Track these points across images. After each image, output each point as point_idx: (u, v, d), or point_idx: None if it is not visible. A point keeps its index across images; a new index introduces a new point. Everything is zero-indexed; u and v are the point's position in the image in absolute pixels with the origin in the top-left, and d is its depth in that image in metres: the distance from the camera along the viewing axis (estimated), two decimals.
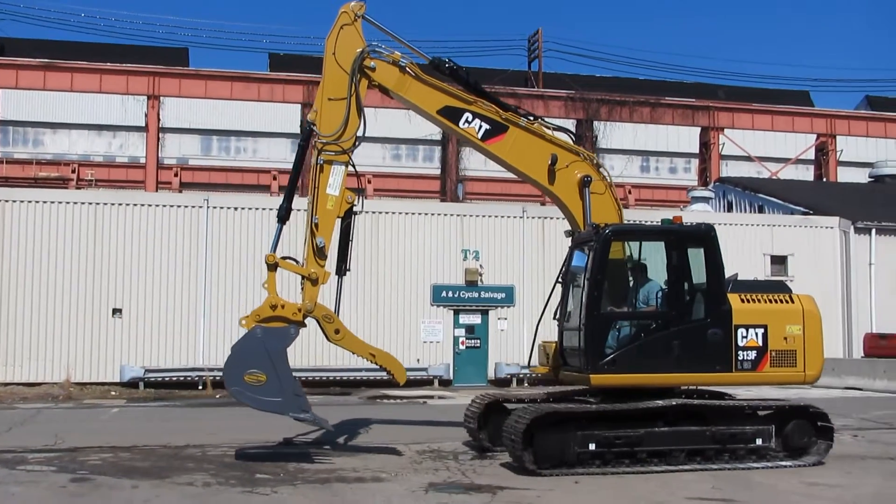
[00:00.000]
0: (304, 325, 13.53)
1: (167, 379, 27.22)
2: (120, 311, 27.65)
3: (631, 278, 13.84)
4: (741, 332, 13.06)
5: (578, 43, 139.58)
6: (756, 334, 13.10)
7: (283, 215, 13.95)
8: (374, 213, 29.09)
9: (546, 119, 15.30)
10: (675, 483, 11.94)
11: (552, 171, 14.46)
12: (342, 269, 14.11)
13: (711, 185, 44.35)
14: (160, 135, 44.99)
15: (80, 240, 27.70)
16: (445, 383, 29.17)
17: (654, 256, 13.66)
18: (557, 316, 14.23)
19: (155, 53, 53.57)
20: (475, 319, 30.25)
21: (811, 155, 52.19)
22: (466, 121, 14.42)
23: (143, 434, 16.54)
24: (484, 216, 31.02)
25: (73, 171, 49.06)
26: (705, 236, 13.38)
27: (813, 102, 66.27)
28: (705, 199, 39.90)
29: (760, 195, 39.83)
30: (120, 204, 28.38)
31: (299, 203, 14.57)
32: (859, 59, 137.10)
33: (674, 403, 12.87)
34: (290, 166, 54.39)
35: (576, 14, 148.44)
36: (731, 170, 57.01)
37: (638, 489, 11.57)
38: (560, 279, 14.39)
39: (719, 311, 13.06)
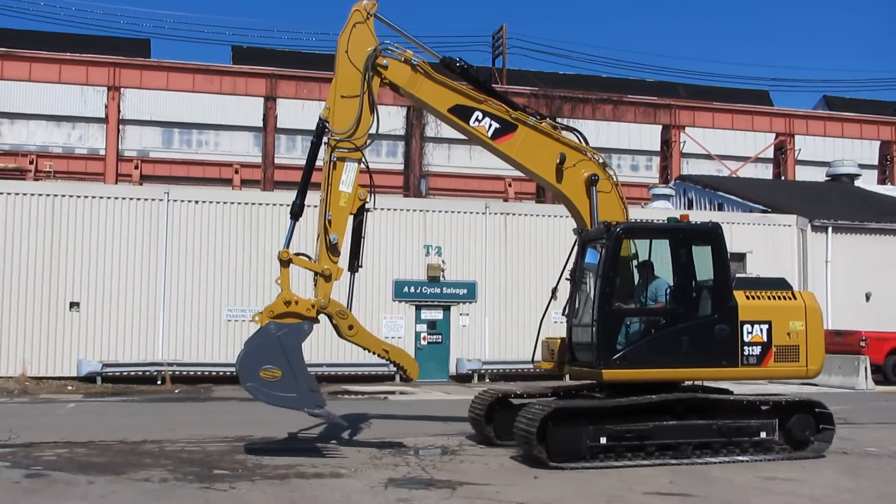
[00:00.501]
0: (318, 322, 13.58)
1: (125, 374, 26.91)
2: (77, 304, 27.29)
3: (638, 276, 14.12)
4: (746, 327, 13.49)
5: (542, 40, 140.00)
6: (761, 330, 13.54)
7: (297, 212, 13.97)
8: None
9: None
10: (634, 478, 12.04)
11: (560, 169, 14.73)
12: (355, 265, 14.19)
13: (672, 183, 44.73)
14: (120, 126, 44.42)
15: (37, 232, 27.29)
16: (406, 379, 29.07)
17: (657, 254, 13.97)
18: (566, 312, 14.48)
19: (116, 44, 52.92)
20: (437, 315, 30.24)
21: (770, 154, 52.84)
22: (477, 119, 14.65)
23: (99, 429, 16.37)
24: (446, 212, 31.00)
25: (31, 163, 48.27)
26: (713, 234, 13.78)
27: (772, 102, 67.04)
28: (666, 197, 40.25)
29: (720, 193, 40.23)
30: (79, 196, 27.99)
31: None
32: (818, 59, 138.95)
33: (685, 396, 13.35)
34: (252, 160, 53.65)
35: (540, 11, 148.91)
36: (691, 168, 57.49)
37: (597, 484, 11.66)
38: (569, 276, 14.64)
39: (726, 308, 13.47)
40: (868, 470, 13.02)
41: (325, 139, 14.02)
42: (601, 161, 15.05)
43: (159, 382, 26.81)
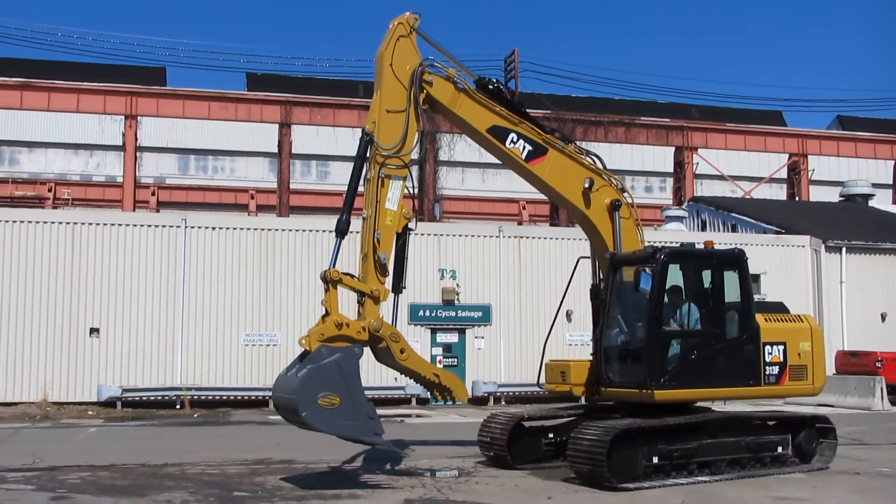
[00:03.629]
0: (367, 345, 13.07)
1: (145, 398, 27.16)
2: (97, 330, 27.61)
3: (668, 299, 14.21)
4: (767, 348, 14.23)
5: (554, 63, 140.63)
6: (778, 350, 14.32)
7: (344, 229, 13.58)
8: (351, 232, 29.21)
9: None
10: (642, 498, 12.18)
11: (587, 194, 14.83)
12: (398, 286, 13.86)
13: (685, 205, 44.79)
14: (137, 154, 45.02)
15: (56, 259, 27.66)
16: (423, 402, 29.25)
17: (676, 277, 14.33)
18: (598, 335, 14.64)
19: (132, 73, 53.62)
20: (452, 338, 30.41)
21: (783, 174, 52.89)
22: (512, 141, 14.71)
23: (121, 453, 16.61)
24: (460, 235, 31.26)
25: (50, 191, 48.97)
26: (739, 259, 14.44)
27: (785, 122, 67.04)
28: (679, 219, 40.33)
29: (733, 214, 40.29)
30: (97, 223, 28.35)
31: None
32: (831, 79, 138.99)
33: (733, 413, 14.71)
34: (268, 185, 53.84)
35: (551, 34, 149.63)
36: (704, 189, 57.63)
37: None
38: (601, 299, 14.81)
39: (751, 330, 14.15)
40: (880, 490, 13.11)
41: (369, 154, 13.66)
42: (620, 186, 15.21)
43: (178, 407, 27.06)
